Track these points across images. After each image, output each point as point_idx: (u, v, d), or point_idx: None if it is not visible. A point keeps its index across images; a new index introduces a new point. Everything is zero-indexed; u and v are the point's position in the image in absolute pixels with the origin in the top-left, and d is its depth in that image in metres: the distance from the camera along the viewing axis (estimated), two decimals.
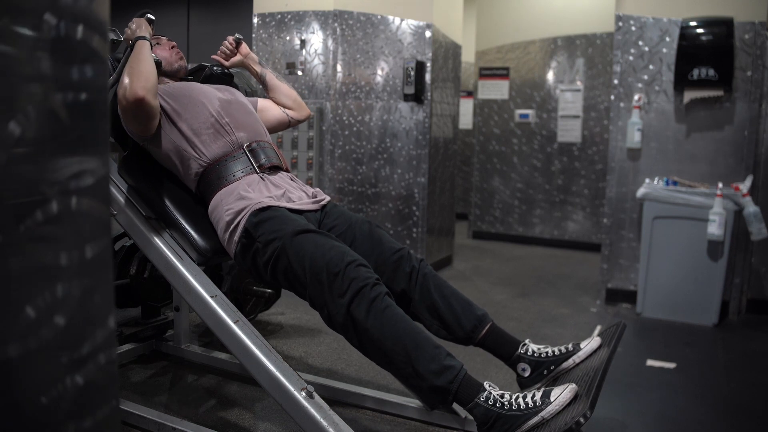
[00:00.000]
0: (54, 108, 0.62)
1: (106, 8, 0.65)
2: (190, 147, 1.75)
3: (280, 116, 2.11)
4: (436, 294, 1.62)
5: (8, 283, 0.59)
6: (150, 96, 1.62)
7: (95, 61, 0.65)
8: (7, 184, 0.59)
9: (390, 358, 1.41)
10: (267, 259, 1.58)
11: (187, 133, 1.75)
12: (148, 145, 1.81)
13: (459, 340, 1.62)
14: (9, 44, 0.57)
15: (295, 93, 2.15)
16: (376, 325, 1.39)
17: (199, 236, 1.73)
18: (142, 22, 1.81)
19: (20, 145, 0.59)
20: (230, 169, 1.74)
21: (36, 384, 0.62)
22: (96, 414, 0.68)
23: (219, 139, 1.76)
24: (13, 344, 0.59)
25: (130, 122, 1.70)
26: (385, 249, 1.67)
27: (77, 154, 0.65)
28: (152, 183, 1.81)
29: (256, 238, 1.59)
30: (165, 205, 1.76)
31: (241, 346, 1.56)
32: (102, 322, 0.68)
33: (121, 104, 1.63)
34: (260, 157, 1.78)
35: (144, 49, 1.71)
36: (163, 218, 1.77)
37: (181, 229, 1.73)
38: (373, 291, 1.41)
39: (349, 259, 1.46)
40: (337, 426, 1.43)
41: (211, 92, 1.84)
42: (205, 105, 1.78)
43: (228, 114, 1.80)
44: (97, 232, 0.67)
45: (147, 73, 1.65)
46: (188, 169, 1.78)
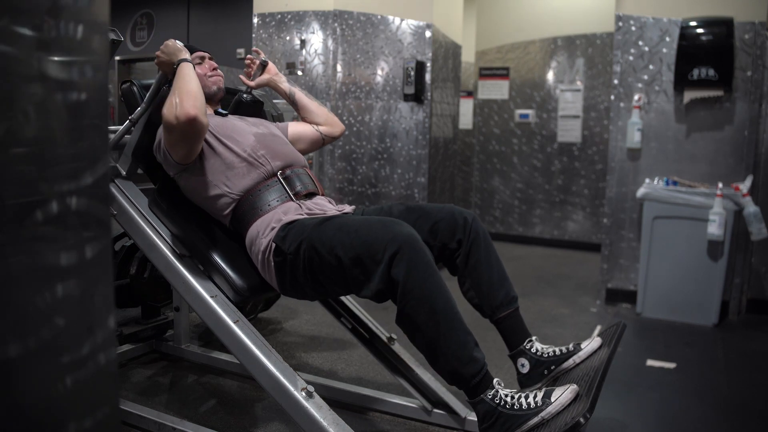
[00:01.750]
0: (54, 108, 0.62)
1: (106, 8, 0.65)
2: (221, 182, 1.69)
3: (314, 135, 2.04)
4: (483, 256, 1.59)
5: (8, 283, 0.59)
6: (201, 114, 1.57)
7: (95, 61, 0.65)
8: (7, 184, 0.59)
9: (423, 331, 1.38)
10: (303, 268, 1.53)
11: (219, 167, 1.70)
12: (180, 179, 1.75)
13: (480, 309, 1.61)
14: (9, 44, 0.57)
15: (326, 109, 2.08)
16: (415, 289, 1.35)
17: (236, 274, 1.65)
18: (178, 45, 1.76)
19: (20, 145, 0.59)
20: (265, 199, 1.68)
21: (36, 384, 0.62)
22: (96, 414, 0.68)
23: (252, 171, 1.70)
24: (13, 344, 0.59)
25: (178, 144, 1.63)
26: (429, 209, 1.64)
27: (77, 153, 0.65)
28: (186, 219, 1.75)
29: (286, 251, 1.55)
30: (199, 241, 1.70)
31: (241, 346, 1.56)
32: (102, 322, 0.68)
33: (170, 125, 1.58)
34: (296, 184, 1.73)
35: (189, 71, 1.68)
36: (197, 256, 1.70)
37: (217, 267, 1.66)
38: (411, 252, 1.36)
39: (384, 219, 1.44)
40: (337, 426, 1.43)
41: (246, 128, 1.80)
42: (240, 141, 1.73)
43: (264, 146, 1.75)
44: (97, 232, 0.67)
45: (196, 92, 1.61)
46: (220, 204, 1.71)
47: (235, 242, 1.73)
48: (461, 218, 1.60)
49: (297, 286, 1.60)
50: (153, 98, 1.79)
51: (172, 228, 1.74)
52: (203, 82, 1.81)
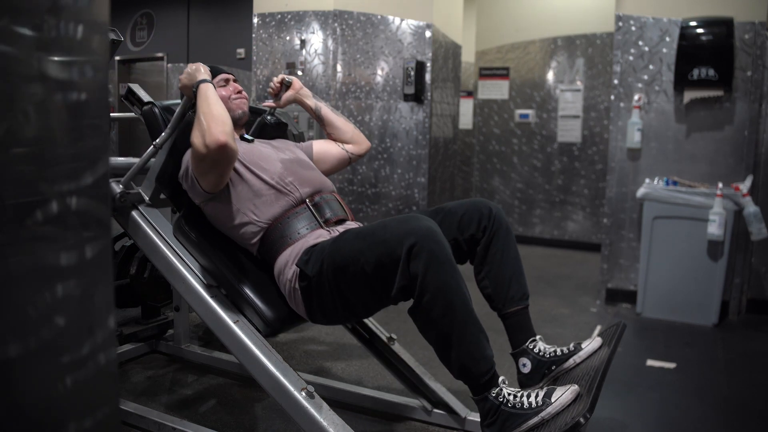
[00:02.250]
0: (54, 108, 0.62)
1: (106, 8, 0.65)
2: (249, 210, 1.64)
3: (340, 154, 1.97)
4: (504, 246, 1.59)
5: (8, 283, 0.59)
6: (231, 140, 1.52)
7: (95, 61, 0.65)
8: (7, 184, 0.59)
9: (438, 327, 1.37)
10: (328, 287, 1.49)
11: (246, 195, 1.65)
12: (206, 207, 1.69)
13: (491, 300, 1.61)
14: (9, 44, 0.57)
15: (353, 125, 2.01)
16: (432, 282, 1.33)
17: (266, 305, 1.60)
18: (200, 66, 1.70)
19: (20, 145, 0.59)
20: (294, 227, 1.62)
21: (36, 384, 0.62)
22: (96, 414, 0.68)
23: (281, 199, 1.65)
24: (13, 344, 0.59)
25: (207, 173, 1.58)
26: (453, 207, 1.62)
27: (77, 153, 0.65)
28: (212, 247, 1.68)
29: (310, 274, 1.51)
30: (227, 271, 1.64)
31: (241, 346, 1.56)
32: (102, 322, 0.68)
33: (199, 154, 1.52)
34: (325, 211, 1.67)
35: (211, 92, 1.62)
36: (225, 286, 1.64)
37: (246, 298, 1.60)
38: (429, 244, 1.33)
39: (398, 219, 1.42)
40: (337, 426, 1.43)
41: (272, 155, 1.74)
42: (267, 169, 1.68)
43: (291, 172, 1.70)
44: (97, 232, 0.67)
45: (222, 116, 1.55)
46: (247, 233, 1.65)
47: (263, 271, 1.67)
48: (486, 208, 1.60)
49: (325, 310, 1.55)
50: (178, 123, 1.73)
51: (198, 257, 1.69)
52: (227, 106, 1.75)
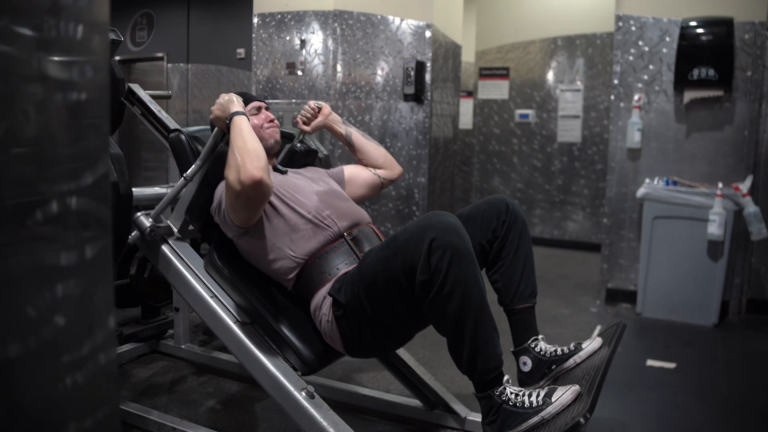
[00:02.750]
0: (54, 108, 0.62)
1: (106, 8, 0.65)
2: (285, 245, 1.59)
3: (372, 180, 1.92)
4: (519, 242, 1.60)
5: (8, 283, 0.59)
6: (266, 176, 1.46)
7: (95, 61, 0.65)
8: (7, 184, 0.59)
9: (452, 315, 1.35)
10: (363, 311, 1.46)
11: (283, 229, 1.60)
12: (240, 241, 1.64)
13: (499, 294, 1.61)
14: (9, 44, 0.57)
15: (384, 150, 1.96)
16: (451, 275, 1.31)
17: (303, 344, 1.55)
18: (233, 97, 1.66)
19: (20, 145, 0.59)
20: (332, 263, 1.58)
21: (36, 384, 0.62)
22: (96, 414, 0.68)
23: (318, 234, 1.60)
24: (13, 344, 0.59)
25: (241, 209, 1.52)
26: (471, 211, 1.61)
27: (77, 153, 0.65)
28: (245, 282, 1.62)
29: (343, 302, 1.48)
30: (261, 307, 1.58)
31: (241, 346, 1.56)
32: (102, 322, 0.68)
33: (234, 190, 1.47)
34: (364, 245, 1.63)
35: (245, 126, 1.57)
36: (259, 323, 1.59)
37: (282, 336, 1.55)
38: (449, 238, 1.32)
39: (418, 220, 1.40)
40: (337, 426, 1.43)
41: (308, 187, 1.70)
42: (304, 203, 1.63)
43: (328, 205, 1.65)
44: (97, 232, 0.67)
45: (257, 151, 1.49)
46: (283, 268, 1.60)
47: (299, 307, 1.63)
48: (503, 204, 1.61)
49: (363, 338, 1.51)
50: (209, 155, 1.68)
51: (232, 293, 1.63)
52: (259, 135, 1.70)
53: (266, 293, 1.62)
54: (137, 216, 1.71)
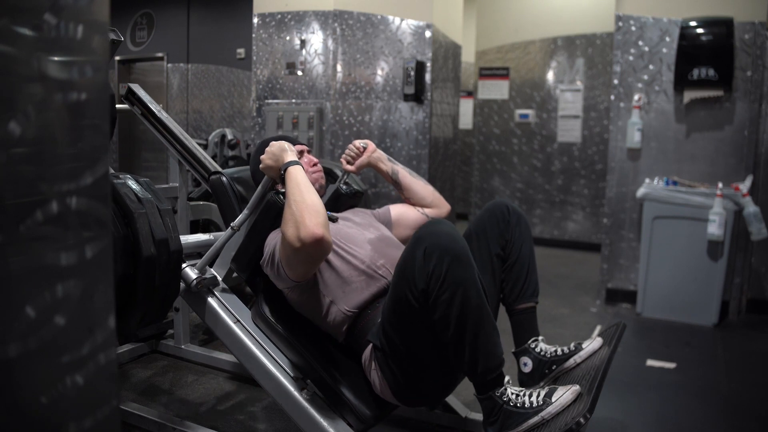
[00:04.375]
0: (54, 108, 0.62)
1: (106, 8, 0.65)
2: (339, 297, 1.54)
3: (420, 219, 1.84)
4: (521, 241, 1.60)
5: (8, 283, 0.59)
6: (327, 233, 1.38)
7: (95, 61, 0.65)
8: (7, 184, 0.59)
9: (452, 317, 1.33)
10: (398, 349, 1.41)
11: (335, 282, 1.54)
12: (290, 293, 1.59)
13: (501, 292, 1.62)
14: (9, 44, 0.57)
15: (432, 188, 1.89)
16: (448, 278, 1.30)
17: (359, 400, 1.48)
18: (284, 145, 1.58)
19: (20, 145, 0.59)
20: None
21: (36, 384, 0.62)
22: (96, 414, 0.68)
23: (372, 285, 1.55)
24: (13, 344, 0.59)
25: (299, 265, 1.45)
26: (475, 227, 1.63)
27: (77, 153, 0.65)
28: (294, 334, 1.57)
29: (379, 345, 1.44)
30: (315, 362, 1.52)
31: (241, 346, 1.56)
32: (102, 322, 0.68)
33: (293, 247, 1.38)
34: None
35: (302, 178, 1.49)
36: (312, 378, 1.53)
37: (338, 393, 1.49)
38: (442, 242, 1.31)
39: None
40: (337, 426, 1.43)
41: (360, 236, 1.64)
42: (358, 253, 1.57)
43: (381, 254, 1.60)
44: (97, 232, 0.67)
45: (317, 206, 1.41)
46: (335, 321, 1.55)
47: (351, 360, 1.57)
48: (503, 207, 1.62)
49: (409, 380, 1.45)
50: (258, 204, 1.61)
51: (283, 347, 1.58)
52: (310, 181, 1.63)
53: (319, 347, 1.56)
54: (183, 268, 1.65)
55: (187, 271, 1.65)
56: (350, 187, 1.84)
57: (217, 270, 1.72)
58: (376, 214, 1.84)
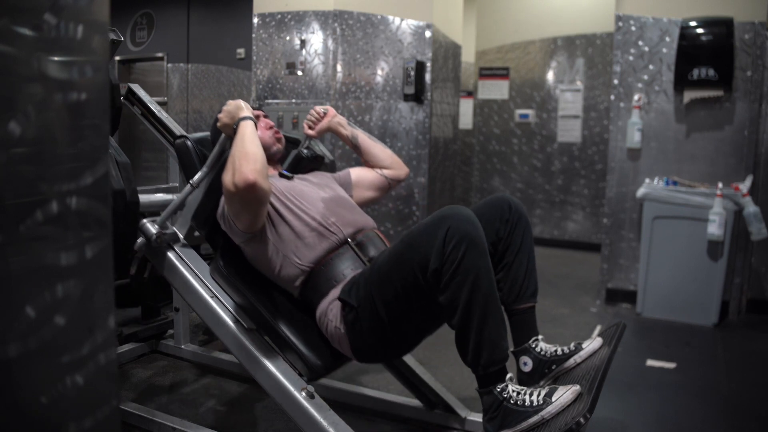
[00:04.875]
0: (54, 108, 0.62)
1: (106, 8, 0.65)
2: (291, 252, 1.59)
3: (379, 181, 1.93)
4: (522, 241, 1.59)
5: (8, 283, 0.59)
6: (261, 179, 1.45)
7: (95, 61, 0.65)
8: (7, 184, 0.59)
9: (462, 304, 1.35)
10: (377, 311, 1.45)
11: (288, 236, 1.60)
12: (247, 247, 1.64)
13: (501, 293, 1.60)
14: (9, 44, 0.57)
15: (390, 151, 1.97)
16: (463, 264, 1.32)
17: (310, 351, 1.54)
18: (241, 103, 1.66)
19: (20, 145, 0.59)
20: (338, 268, 1.59)
21: (36, 384, 0.62)
22: (96, 414, 0.68)
23: (324, 241, 1.61)
24: (13, 344, 0.59)
25: (239, 213, 1.52)
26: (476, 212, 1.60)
27: (77, 153, 0.65)
28: (251, 288, 1.62)
29: (355, 304, 1.47)
30: (268, 314, 1.58)
31: (242, 346, 1.56)
32: (102, 322, 0.68)
33: (229, 192, 1.47)
34: (369, 250, 1.64)
35: (248, 130, 1.57)
36: (266, 330, 1.59)
37: (288, 342, 1.55)
38: (464, 227, 1.33)
39: (433, 214, 1.41)
40: (337, 426, 1.43)
41: (314, 193, 1.70)
42: (309, 209, 1.63)
43: (333, 212, 1.66)
44: (97, 232, 0.67)
45: (256, 155, 1.49)
46: (290, 274, 1.61)
47: (305, 314, 1.63)
48: (505, 203, 1.61)
49: (374, 342, 1.50)
50: (216, 162, 1.68)
51: (237, 298, 1.64)
52: (265, 141, 1.72)
53: (272, 299, 1.62)
54: (143, 222, 1.70)
55: (147, 226, 1.70)
56: (311, 150, 1.90)
57: (178, 227, 1.77)
58: (336, 177, 1.90)
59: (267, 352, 1.56)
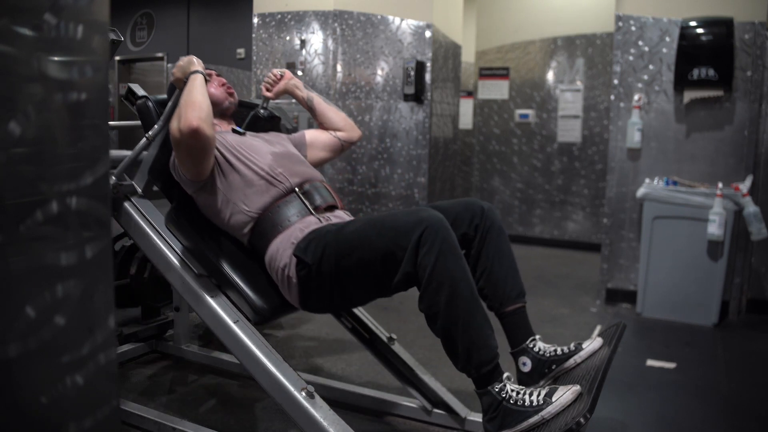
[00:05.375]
0: (54, 108, 0.62)
1: (106, 8, 0.65)
2: (240, 200, 1.66)
3: (332, 141, 2.00)
4: (497, 245, 1.59)
5: (8, 283, 0.59)
6: (205, 126, 1.53)
7: (95, 61, 0.65)
8: (7, 184, 0.59)
9: (446, 313, 1.37)
10: (329, 275, 1.50)
11: (238, 185, 1.67)
12: (198, 197, 1.72)
13: (487, 300, 1.60)
14: (9, 44, 0.57)
15: (344, 114, 2.05)
16: (439, 271, 1.35)
17: (256, 294, 1.62)
18: (193, 59, 1.74)
19: (20, 145, 0.59)
20: (284, 215, 1.64)
21: (36, 384, 0.62)
22: (96, 414, 0.68)
23: (271, 189, 1.68)
24: (13, 344, 0.59)
25: (185, 160, 1.60)
26: (447, 206, 1.63)
27: (77, 153, 0.65)
28: (202, 237, 1.71)
29: (309, 262, 1.51)
30: (217, 261, 1.66)
31: (241, 346, 1.56)
32: (102, 322, 0.68)
33: (175, 138, 1.55)
34: (315, 198, 1.70)
35: (197, 82, 1.65)
36: (216, 275, 1.66)
37: (235, 287, 1.62)
38: (439, 233, 1.36)
39: (407, 210, 1.44)
40: (337, 426, 1.43)
41: (264, 148, 1.77)
42: (258, 160, 1.70)
43: (281, 165, 1.72)
44: (97, 232, 0.67)
45: (200, 103, 1.57)
46: (238, 222, 1.68)
47: (254, 261, 1.69)
48: (478, 207, 1.61)
49: (322, 298, 1.56)
50: (170, 116, 1.72)
51: (189, 245, 1.70)
52: (217, 96, 1.81)
53: (222, 247, 1.71)
54: None
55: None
56: (268, 111, 1.97)
57: (137, 181, 1.83)
58: (290, 138, 1.97)
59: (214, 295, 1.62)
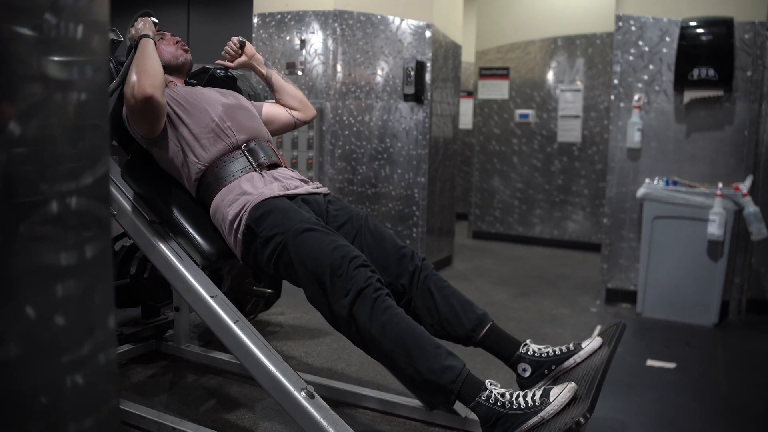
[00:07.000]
0: (54, 108, 0.62)
1: (106, 8, 0.65)
2: (189, 151, 1.77)
3: (286, 118, 2.12)
4: (437, 294, 1.62)
5: (8, 283, 0.59)
6: (158, 94, 1.63)
7: (95, 61, 0.65)
8: (6, 184, 0.59)
9: (392, 358, 1.42)
10: (269, 254, 1.60)
11: (188, 137, 1.77)
12: (152, 149, 1.82)
13: (460, 340, 1.62)
14: (9, 44, 0.57)
15: (301, 94, 2.16)
16: (377, 326, 1.40)
17: (204, 240, 1.74)
18: (146, 21, 1.83)
19: (20, 145, 0.59)
20: (229, 170, 1.75)
21: (36, 384, 0.62)
22: (96, 414, 0.68)
23: (218, 143, 1.77)
24: (13, 344, 0.59)
25: (138, 122, 1.70)
26: (388, 245, 1.68)
27: (77, 153, 0.65)
28: (156, 187, 1.82)
29: (258, 233, 1.61)
30: (169, 209, 1.78)
31: (241, 346, 1.56)
32: (102, 322, 0.68)
33: (129, 103, 1.65)
34: (259, 155, 1.80)
35: (149, 47, 1.73)
36: (167, 222, 1.78)
37: (185, 233, 1.75)
38: (375, 293, 1.43)
39: (351, 256, 1.46)
40: (337, 426, 1.43)
41: (214, 97, 1.85)
42: (208, 111, 1.79)
43: (231, 118, 1.81)
44: (97, 232, 0.67)
45: (154, 70, 1.66)
46: (188, 173, 1.79)
47: (205, 210, 1.81)
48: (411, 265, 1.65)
49: (257, 265, 1.67)
50: (126, 73, 1.81)
51: (142, 192, 1.81)
52: (172, 54, 1.91)
53: (173, 195, 1.82)
54: None
55: None
56: (225, 71, 2.06)
57: None
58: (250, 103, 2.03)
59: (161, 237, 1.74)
